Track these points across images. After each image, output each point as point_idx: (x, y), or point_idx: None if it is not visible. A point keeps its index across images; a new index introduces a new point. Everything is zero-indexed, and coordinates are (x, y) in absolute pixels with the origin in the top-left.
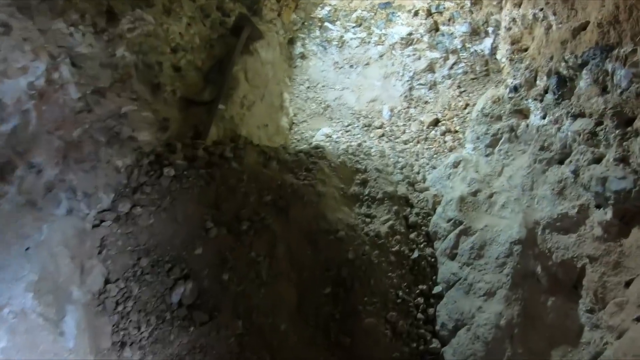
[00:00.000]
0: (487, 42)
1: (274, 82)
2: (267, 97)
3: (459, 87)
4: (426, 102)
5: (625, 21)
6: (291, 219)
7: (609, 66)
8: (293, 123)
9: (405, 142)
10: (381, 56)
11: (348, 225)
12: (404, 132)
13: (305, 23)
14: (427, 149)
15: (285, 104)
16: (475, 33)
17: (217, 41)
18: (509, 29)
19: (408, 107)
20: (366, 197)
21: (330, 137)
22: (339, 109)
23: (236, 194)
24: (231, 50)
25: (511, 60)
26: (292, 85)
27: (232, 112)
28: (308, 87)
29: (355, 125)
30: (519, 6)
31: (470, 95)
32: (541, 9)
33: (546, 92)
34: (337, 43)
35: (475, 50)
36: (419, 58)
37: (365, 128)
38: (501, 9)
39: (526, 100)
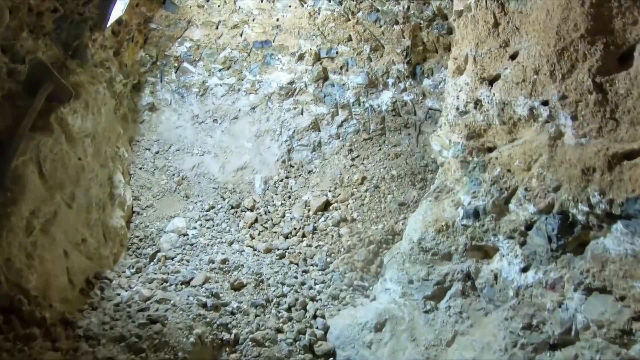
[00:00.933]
0: (386, 96)
1: (97, 163)
2: (80, 195)
3: (350, 150)
4: (310, 172)
5: None
6: None
7: None
8: (133, 213)
9: (286, 237)
10: (253, 109)
11: None
12: (283, 218)
13: (158, 63)
14: (317, 247)
15: (118, 191)
16: (373, 85)
17: (2, 106)
18: (465, 112)
19: (287, 177)
20: None
21: (184, 235)
22: (197, 182)
23: None
24: (20, 122)
25: (465, 161)
26: (133, 153)
27: (10, 250)
28: (157, 153)
29: (220, 207)
30: (491, 84)
31: (364, 162)
32: (545, 103)
33: (529, 228)
34: (198, 90)
35: (371, 106)
36: (301, 113)
37: (233, 211)
38: (407, 59)
39: (494, 235)
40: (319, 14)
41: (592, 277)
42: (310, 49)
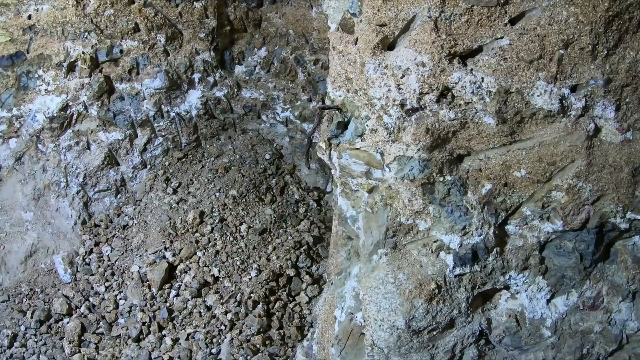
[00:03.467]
0: (193, 98)
1: None
2: None
3: (167, 179)
4: (126, 227)
5: None
6: None
7: None
8: None
9: (137, 340)
10: (19, 159)
11: None
12: (117, 310)
13: None
14: (188, 339)
15: None
16: (175, 86)
17: None
18: (419, 108)
19: (97, 245)
20: None
21: None
22: None
23: None
24: None
25: (429, 183)
26: None
27: None
28: None
29: (24, 329)
30: (465, 64)
31: (191, 190)
32: (573, 89)
33: (542, 250)
34: None
35: (178, 114)
36: (88, 147)
37: (45, 329)
38: (214, 44)
39: (503, 274)
40: None
41: (639, 282)
42: (83, 52)
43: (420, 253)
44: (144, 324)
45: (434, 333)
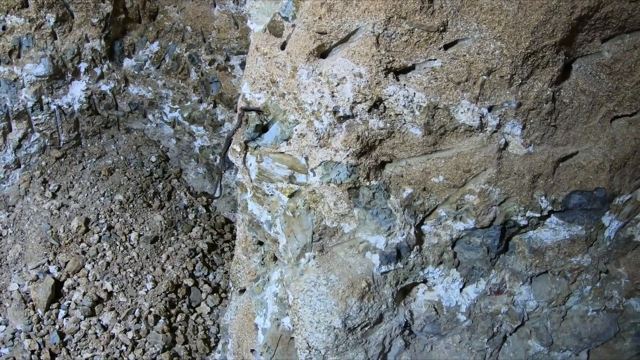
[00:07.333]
0: (77, 89)
1: None
2: None
3: (44, 181)
4: (1, 237)
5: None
6: None
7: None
8: None
9: None
10: None
11: None
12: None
13: None
14: (91, 356)
15: None
16: (59, 75)
17: None
18: (349, 116)
19: None
20: None
21: None
22: None
23: None
24: None
25: (355, 188)
26: None
27: None
28: None
29: None
30: (398, 79)
31: (72, 194)
32: (490, 109)
33: (454, 246)
34: None
35: (59, 107)
36: None
37: None
38: (106, 32)
39: (422, 269)
40: None
41: (535, 268)
42: None
43: (347, 254)
44: (32, 352)
45: (366, 329)
